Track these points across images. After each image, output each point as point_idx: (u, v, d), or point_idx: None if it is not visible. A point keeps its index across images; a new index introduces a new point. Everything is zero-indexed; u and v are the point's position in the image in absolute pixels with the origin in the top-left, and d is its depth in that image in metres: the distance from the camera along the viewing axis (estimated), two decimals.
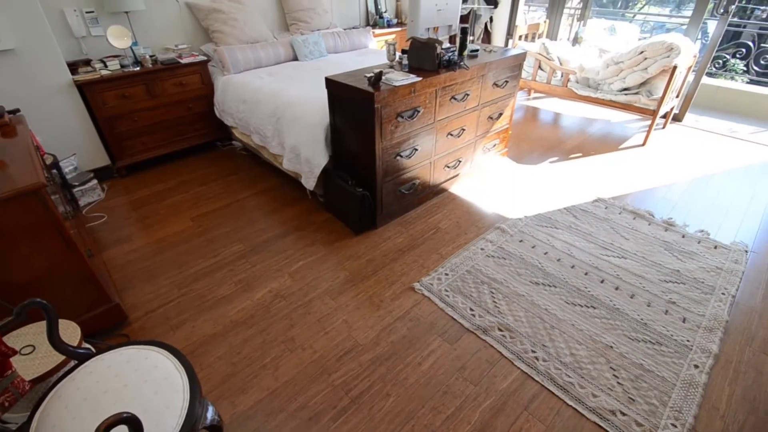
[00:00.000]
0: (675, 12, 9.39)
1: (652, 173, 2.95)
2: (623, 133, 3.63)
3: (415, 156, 2.32)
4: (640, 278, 1.96)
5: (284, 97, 2.60)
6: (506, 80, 2.65)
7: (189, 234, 2.37)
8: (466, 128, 2.57)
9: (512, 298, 1.85)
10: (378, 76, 1.97)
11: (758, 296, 1.89)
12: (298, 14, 3.68)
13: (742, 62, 5.03)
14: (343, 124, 2.22)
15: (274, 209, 2.59)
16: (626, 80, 3.31)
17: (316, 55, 3.48)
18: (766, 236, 2.29)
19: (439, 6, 2.31)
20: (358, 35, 3.88)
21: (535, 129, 3.75)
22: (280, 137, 2.58)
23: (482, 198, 2.67)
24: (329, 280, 2.00)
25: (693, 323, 1.72)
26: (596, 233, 2.29)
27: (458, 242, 2.25)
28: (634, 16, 7.99)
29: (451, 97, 2.32)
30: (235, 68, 3.10)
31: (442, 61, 2.20)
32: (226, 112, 3.08)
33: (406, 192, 2.40)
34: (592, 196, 2.65)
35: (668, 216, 2.45)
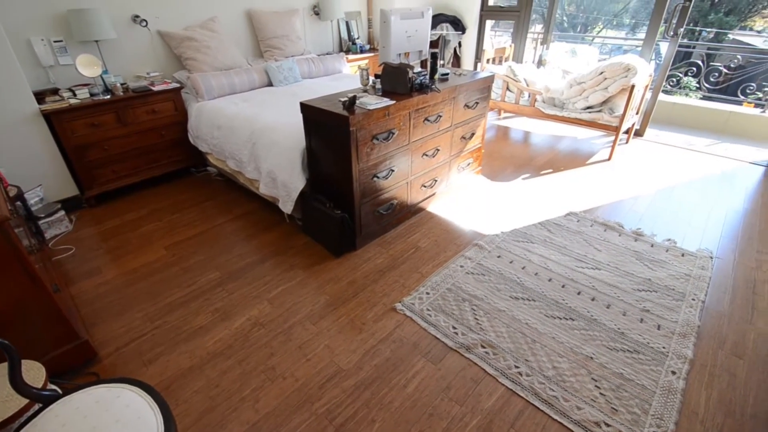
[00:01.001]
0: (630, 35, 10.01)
1: (618, 186, 3.08)
2: (590, 149, 3.79)
3: (392, 177, 2.35)
4: (614, 288, 2.02)
5: (260, 122, 2.61)
6: (476, 101, 2.75)
7: (163, 263, 2.30)
8: (441, 148, 2.63)
9: (493, 314, 1.86)
10: (352, 100, 2.01)
11: (725, 301, 1.97)
12: (272, 41, 3.73)
13: (694, 80, 5.39)
14: (319, 148, 2.24)
15: (252, 234, 2.55)
16: (589, 99, 3.48)
17: (291, 80, 3.52)
18: (728, 242, 2.41)
19: (409, 33, 2.39)
20: (332, 61, 3.96)
21: (506, 147, 3.87)
22: (257, 162, 2.57)
23: (459, 216, 2.71)
24: (310, 304, 1.97)
25: (667, 330, 1.77)
26: (570, 246, 2.35)
27: (438, 260, 2.27)
28: (593, 40, 8.47)
29: (425, 118, 2.38)
30: (209, 95, 3.10)
31: (414, 84, 2.26)
32: (200, 138, 3.06)
33: (385, 212, 2.42)
34: (564, 210, 2.73)
35: (637, 227, 2.54)
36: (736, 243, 2.40)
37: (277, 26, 3.73)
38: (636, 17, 12.79)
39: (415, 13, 2.40)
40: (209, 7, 3.40)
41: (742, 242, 2.41)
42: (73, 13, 2.64)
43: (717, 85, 4.86)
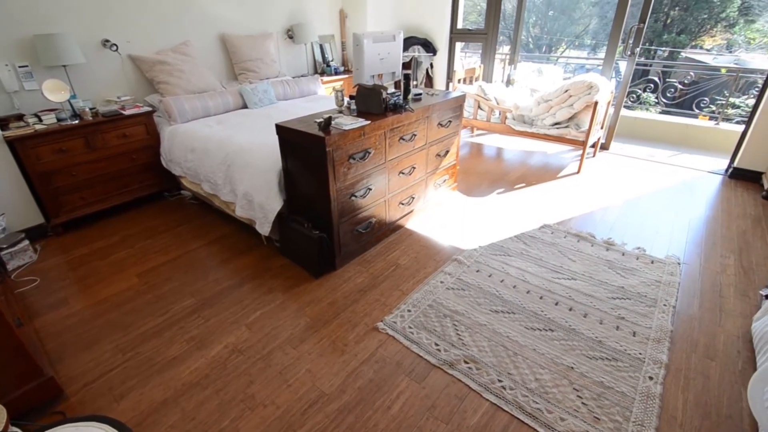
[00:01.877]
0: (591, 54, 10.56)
1: (588, 198, 3.19)
2: (560, 163, 3.93)
3: (370, 195, 2.36)
4: (590, 297, 2.07)
5: (235, 144, 2.59)
6: (449, 120, 2.82)
7: (134, 292, 2.22)
8: (417, 166, 2.67)
9: (475, 329, 1.87)
10: (328, 121, 2.03)
11: (695, 304, 2.05)
12: (247, 64, 3.75)
13: (652, 95, 5.70)
14: (295, 168, 2.24)
15: (228, 258, 2.50)
16: (556, 116, 3.63)
17: (266, 102, 3.53)
18: (693, 248, 2.51)
19: (382, 55, 2.46)
20: (307, 83, 4.00)
21: (480, 163, 3.97)
22: (232, 184, 2.54)
23: (438, 231, 2.74)
24: (289, 328, 1.93)
25: (642, 336, 1.82)
26: (546, 258, 2.40)
27: (418, 277, 2.27)
28: (557, 59, 8.86)
29: (400, 137, 2.42)
30: (183, 118, 3.06)
31: (389, 104, 2.31)
32: (173, 161, 3.01)
33: (364, 231, 2.42)
34: (539, 223, 2.80)
35: (608, 236, 2.63)
36: (701, 249, 2.51)
37: (251, 50, 3.76)
38: (596, 38, 13.54)
39: (386, 36, 2.47)
40: (181, 31, 3.40)
41: (706, 248, 2.52)
42: (40, 39, 2.59)
43: (674, 100, 5.16)
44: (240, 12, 3.78)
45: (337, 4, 4.71)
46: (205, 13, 3.53)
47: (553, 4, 14.55)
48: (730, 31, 11.94)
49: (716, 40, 12.19)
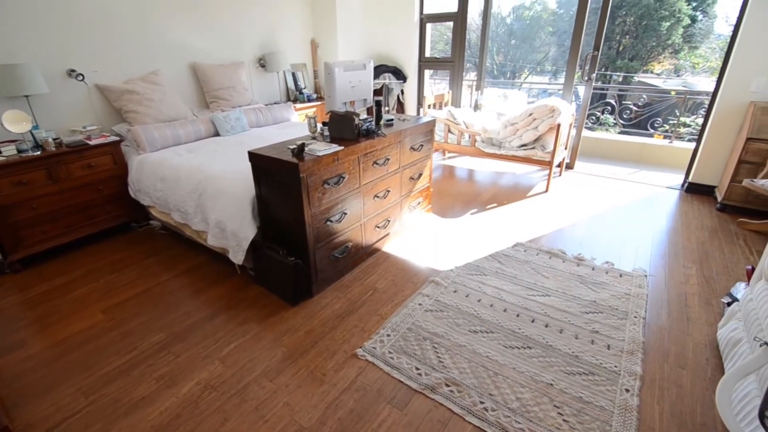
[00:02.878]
0: (552, 80, 11.14)
1: (557, 215, 3.30)
2: (529, 183, 4.07)
3: (345, 220, 2.36)
4: (564, 313, 2.11)
5: (206, 172, 2.56)
6: (421, 144, 2.89)
7: (99, 329, 2.10)
8: (391, 189, 2.71)
9: (455, 351, 1.86)
10: (301, 148, 2.04)
11: (663, 315, 2.12)
12: (218, 92, 3.75)
13: (611, 117, 6.04)
14: (269, 195, 2.22)
15: (200, 289, 2.42)
16: (522, 138, 3.78)
17: (239, 130, 3.52)
18: (658, 260, 2.62)
19: (353, 83, 2.51)
20: (280, 110, 4.03)
21: (453, 185, 4.05)
22: (204, 213, 2.49)
23: (414, 253, 2.75)
24: (265, 360, 1.87)
25: (616, 349, 1.86)
26: (520, 275, 2.45)
27: (396, 300, 2.26)
28: (521, 85, 9.30)
29: (373, 162, 2.45)
30: (152, 147, 3.01)
31: (361, 130, 2.35)
32: (142, 191, 2.93)
33: (340, 256, 2.41)
34: (512, 241, 2.87)
35: (578, 252, 2.72)
36: (665, 260, 2.63)
37: (223, 78, 3.77)
38: (556, 64, 14.34)
39: (357, 65, 2.54)
40: (151, 60, 3.39)
41: (670, 259, 2.64)
42: (1, 69, 2.51)
43: (630, 121, 5.49)
44: (211, 42, 3.81)
45: (309, 34, 4.81)
46: (176, 42, 3.54)
47: (514, 33, 15.40)
48: (676, 57, 12.93)
49: (664, 65, 13.15)
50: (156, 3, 3.33)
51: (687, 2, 12.11)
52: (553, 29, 14.65)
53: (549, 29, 14.83)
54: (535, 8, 15.01)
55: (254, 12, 4.13)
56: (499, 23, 15.28)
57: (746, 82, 3.28)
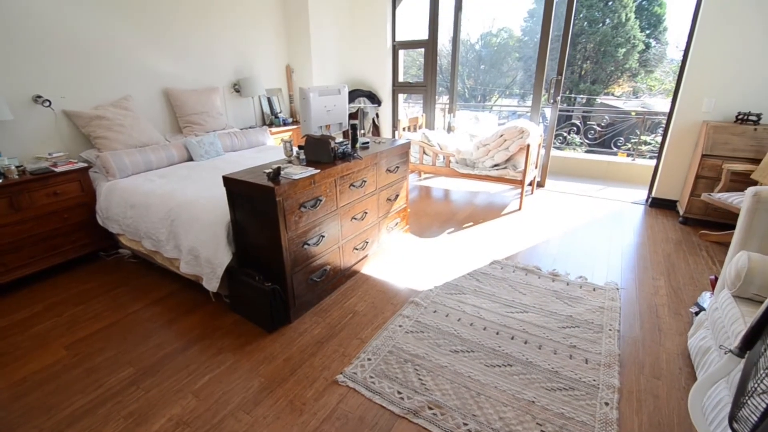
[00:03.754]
0: (521, 102, 11.62)
1: (531, 232, 3.38)
2: (502, 201, 4.17)
3: (323, 242, 2.35)
4: (542, 328, 2.14)
5: (179, 197, 2.50)
6: (397, 166, 2.93)
7: (62, 367, 1.97)
8: (369, 211, 2.72)
9: (436, 372, 1.85)
10: (277, 172, 2.04)
11: (636, 327, 2.18)
12: (192, 117, 3.71)
13: (577, 136, 6.32)
14: (245, 220, 2.19)
15: (172, 319, 2.33)
16: (495, 158, 3.90)
17: (213, 154, 3.48)
18: (628, 273, 2.71)
19: (328, 107, 2.55)
20: (255, 134, 4.02)
21: (430, 205, 4.11)
22: (176, 240, 2.42)
23: (393, 275, 2.75)
24: (242, 391, 1.80)
25: (594, 362, 1.89)
26: (498, 293, 2.48)
27: (376, 323, 2.24)
28: (491, 107, 9.63)
29: (350, 184, 2.47)
30: (122, 173, 2.93)
31: (337, 153, 2.37)
32: (110, 219, 2.83)
33: (318, 279, 2.38)
34: (489, 259, 2.91)
35: (552, 268, 2.78)
36: (635, 273, 2.72)
37: (197, 103, 3.75)
38: (523, 88, 14.98)
39: (332, 90, 2.58)
40: (122, 86, 3.34)
41: (639, 272, 2.73)
42: None
43: (595, 140, 5.75)
44: (185, 67, 3.80)
45: (283, 60, 4.88)
46: (148, 68, 3.51)
47: (483, 59, 16.07)
48: (634, 80, 13.76)
49: (624, 87, 13.95)
50: (128, 29, 3.32)
51: (641, 30, 13.00)
52: (519, 55, 15.39)
53: (515, 55, 15.56)
54: (501, 35, 15.77)
55: (229, 38, 4.16)
56: (468, 49, 15.93)
57: (698, 102, 3.51)
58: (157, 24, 3.52)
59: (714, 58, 3.35)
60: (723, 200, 2.99)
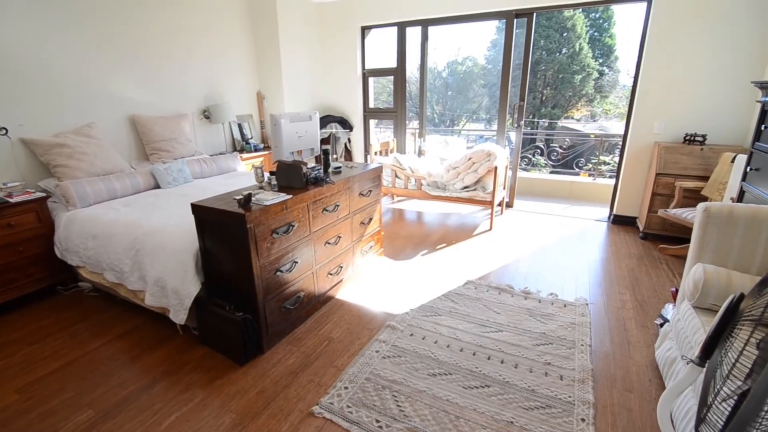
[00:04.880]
0: (487, 126, 12.08)
1: (503, 251, 3.46)
2: (474, 222, 4.26)
3: (296, 269, 2.31)
4: (517, 347, 2.16)
5: (145, 226, 2.42)
6: (370, 189, 2.96)
7: (11, 413, 1.82)
8: (342, 235, 2.71)
9: (415, 397, 1.82)
10: (248, 198, 2.01)
11: (607, 341, 2.24)
12: (159, 144, 3.64)
13: (542, 158, 6.60)
14: (215, 248, 2.13)
15: (136, 356, 2.20)
16: (464, 180, 4.01)
17: (181, 181, 3.40)
18: (596, 289, 2.80)
19: (300, 133, 2.57)
20: (226, 160, 3.97)
21: (403, 228, 4.14)
22: (141, 270, 2.32)
23: (369, 299, 2.72)
24: (212, 429, 1.70)
25: (569, 379, 1.92)
26: (473, 313, 2.50)
27: (353, 349, 2.20)
28: (460, 131, 9.94)
29: (323, 209, 2.46)
30: (83, 202, 2.81)
31: (310, 178, 2.37)
32: (70, 250, 2.69)
33: (292, 307, 2.33)
34: (463, 280, 2.94)
35: (524, 286, 2.84)
36: (602, 288, 2.81)
37: (165, 130, 3.68)
38: (489, 113, 15.61)
39: (303, 116, 2.61)
40: (86, 113, 3.25)
41: (606, 287, 2.83)
42: None
43: (558, 162, 6.02)
44: (152, 94, 3.75)
45: (254, 87, 4.90)
46: (114, 95, 3.44)
47: (450, 86, 16.70)
48: (591, 104, 14.62)
49: (582, 111, 14.78)
50: (93, 54, 3.26)
51: (594, 59, 13.93)
52: (484, 82, 16.10)
53: (480, 82, 16.27)
54: (467, 63, 16.50)
55: (199, 65, 4.15)
56: (436, 77, 16.53)
57: (649, 125, 3.76)
58: (124, 50, 3.47)
59: (661, 84, 3.63)
60: (677, 216, 3.17)
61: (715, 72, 3.43)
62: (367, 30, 5.12)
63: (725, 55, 3.36)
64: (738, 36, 3.29)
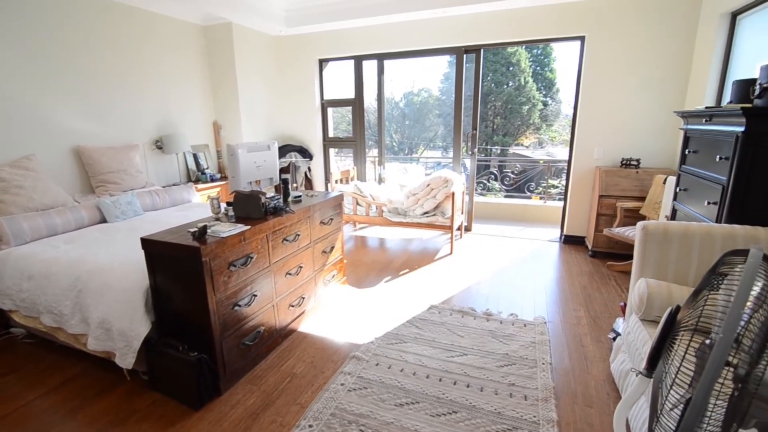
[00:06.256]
0: (444, 154, 12.49)
1: (464, 275, 3.53)
2: (435, 247, 4.33)
3: (256, 302, 2.23)
4: (482, 370, 2.18)
5: (88, 264, 2.25)
6: (331, 218, 2.95)
7: None
8: (304, 265, 2.66)
9: (383, 430, 1.77)
10: (203, 230, 1.94)
11: (566, 357, 2.31)
12: (107, 176, 3.45)
13: (496, 183, 6.90)
14: (167, 284, 2.02)
15: (77, 407, 2.00)
16: (424, 206, 4.10)
17: (130, 214, 3.23)
18: (553, 307, 2.91)
19: (258, 163, 2.54)
20: (180, 191, 3.83)
21: (366, 255, 4.13)
22: (84, 312, 2.15)
23: (333, 329, 2.66)
24: None
25: (532, 398, 1.95)
26: (438, 338, 2.50)
27: (317, 384, 2.12)
28: (418, 159, 10.21)
29: (283, 239, 2.42)
30: (18, 240, 2.59)
31: (269, 208, 2.34)
32: (2, 293, 2.44)
33: (251, 343, 2.22)
34: (426, 305, 2.95)
35: (486, 308, 2.89)
36: (558, 306, 2.92)
37: (113, 161, 3.51)
38: (445, 141, 16.23)
39: (261, 146, 2.59)
40: (24, 144, 3.04)
41: (562, 304, 2.94)
42: None
43: (511, 186, 6.32)
44: (99, 124, 3.59)
45: (211, 117, 4.82)
46: (56, 125, 3.26)
47: (407, 115, 17.29)
48: (538, 132, 15.61)
49: (530, 139, 15.73)
50: (36, 85, 3.09)
51: (538, 91, 15.00)
52: (439, 112, 16.81)
53: (436, 112, 16.97)
54: (422, 94, 17.20)
55: (152, 95, 4.05)
56: (393, 107, 17.06)
57: (590, 151, 4.06)
58: (71, 80, 3.33)
59: (597, 113, 3.96)
60: (620, 234, 3.40)
61: (645, 102, 3.79)
62: (325, 62, 5.24)
63: (653, 87, 3.74)
64: (663, 69, 3.68)
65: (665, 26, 3.59)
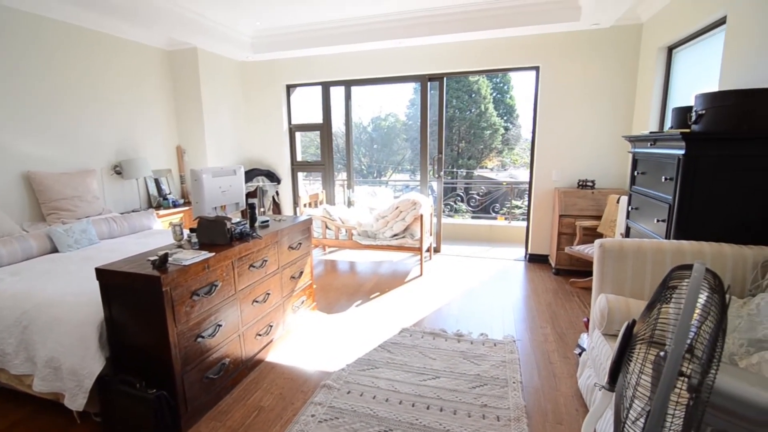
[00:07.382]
0: (412, 177, 12.72)
1: (434, 296, 3.55)
2: (405, 268, 4.35)
3: (220, 333, 2.14)
4: (454, 392, 2.17)
5: (36, 297, 2.10)
6: (299, 242, 2.91)
7: None
8: (271, 292, 2.59)
9: None
10: (164, 258, 1.87)
11: (535, 376, 2.34)
12: (59, 203, 3.27)
13: (463, 205, 7.07)
14: (123, 317, 1.91)
15: None
16: (393, 228, 4.13)
17: (85, 243, 3.05)
18: (521, 325, 2.96)
19: (223, 188, 2.49)
20: (139, 218, 3.67)
21: (336, 279, 4.08)
22: (29, 350, 1.98)
23: (302, 358, 2.58)
24: None
25: (505, 419, 1.96)
26: (410, 362, 2.48)
27: (286, 417, 2.04)
28: (387, 182, 10.34)
29: (250, 265, 2.36)
30: None
31: (234, 234, 2.28)
32: None
33: (216, 376, 2.12)
34: (398, 328, 2.93)
35: (456, 329, 2.91)
36: (526, 324, 2.98)
37: (66, 187, 3.33)
38: (413, 164, 16.57)
39: (227, 170, 2.55)
40: None
41: (529, 322, 3.00)
42: None
43: (477, 207, 6.49)
44: (52, 149, 3.42)
45: (174, 141, 4.70)
46: (4, 149, 3.07)
47: (375, 139, 17.59)
48: (501, 156, 16.25)
49: (494, 162, 16.33)
50: None
51: (499, 116, 15.73)
52: (406, 136, 17.22)
53: (403, 136, 17.37)
54: (389, 119, 17.61)
55: (110, 119, 3.91)
56: (361, 131, 17.33)
57: (549, 173, 4.27)
58: (22, 103, 3.17)
59: (553, 137, 4.19)
60: (580, 252, 3.55)
61: (597, 127, 4.05)
62: (293, 88, 5.28)
63: (603, 113, 4.02)
64: (612, 97, 3.96)
65: (612, 58, 3.90)
